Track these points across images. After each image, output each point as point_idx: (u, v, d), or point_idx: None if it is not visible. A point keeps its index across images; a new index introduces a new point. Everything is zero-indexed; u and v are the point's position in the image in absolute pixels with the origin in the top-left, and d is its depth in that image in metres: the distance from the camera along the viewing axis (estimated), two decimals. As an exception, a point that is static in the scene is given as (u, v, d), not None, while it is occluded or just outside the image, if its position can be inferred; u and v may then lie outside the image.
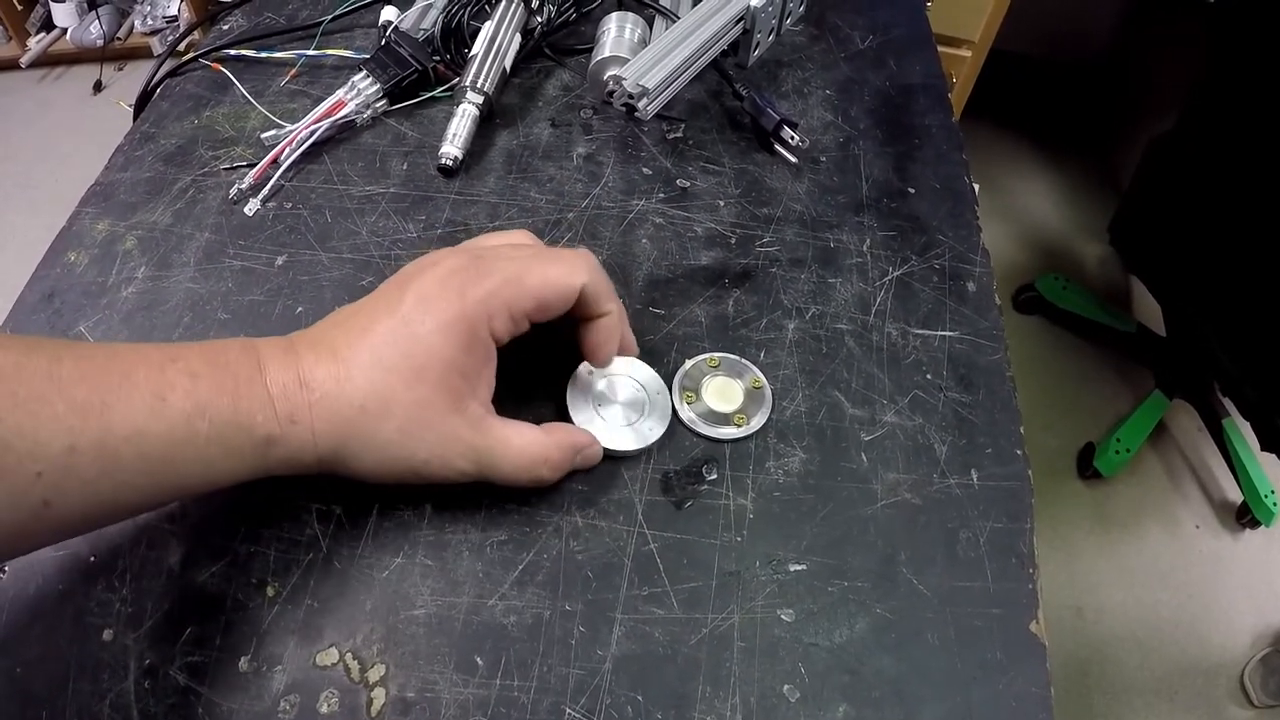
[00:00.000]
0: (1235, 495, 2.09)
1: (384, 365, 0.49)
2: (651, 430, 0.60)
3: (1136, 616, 1.91)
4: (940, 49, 0.95)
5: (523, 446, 0.53)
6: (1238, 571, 2.00)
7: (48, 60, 3.01)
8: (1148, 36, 2.51)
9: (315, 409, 0.48)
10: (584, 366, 0.63)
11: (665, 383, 0.63)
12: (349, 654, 0.51)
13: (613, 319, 0.57)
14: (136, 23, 2.97)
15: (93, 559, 0.54)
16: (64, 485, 0.43)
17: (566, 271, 0.53)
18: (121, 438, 0.43)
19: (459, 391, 0.50)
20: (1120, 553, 2.01)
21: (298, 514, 0.55)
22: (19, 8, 2.89)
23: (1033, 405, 2.16)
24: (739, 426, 0.61)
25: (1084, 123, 2.80)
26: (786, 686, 0.50)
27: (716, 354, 0.65)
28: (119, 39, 2.96)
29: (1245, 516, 2.05)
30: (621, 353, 0.59)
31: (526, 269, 0.52)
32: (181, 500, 0.51)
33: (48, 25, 2.97)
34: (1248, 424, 1.93)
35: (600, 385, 0.62)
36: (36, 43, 2.92)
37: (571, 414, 0.60)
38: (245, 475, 0.49)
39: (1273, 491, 2.02)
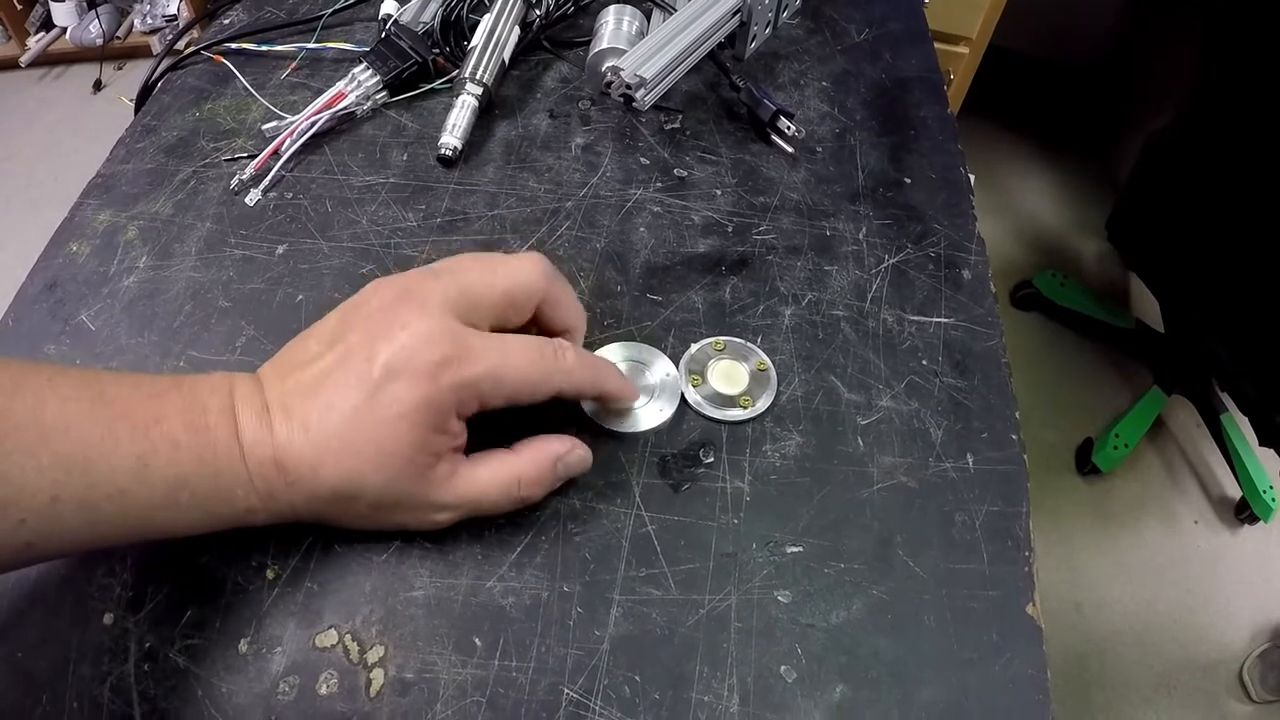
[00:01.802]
0: (1234, 491, 2.09)
1: (353, 451, 0.48)
2: (662, 412, 0.61)
3: (1135, 612, 1.91)
4: (938, 46, 0.96)
5: (490, 477, 0.53)
6: (1236, 567, 2.00)
7: (47, 60, 3.01)
8: (1146, 33, 2.51)
9: (292, 489, 0.48)
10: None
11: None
12: (348, 635, 0.51)
13: (612, 393, 0.58)
14: (136, 22, 2.97)
15: (94, 543, 0.54)
16: (46, 531, 0.43)
17: (542, 376, 0.53)
18: (104, 495, 0.44)
19: (426, 466, 0.50)
20: (1119, 548, 2.01)
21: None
22: (18, 7, 2.89)
23: (1031, 401, 2.16)
24: (744, 408, 0.61)
25: (1082, 120, 2.80)
26: (783, 667, 0.51)
27: (722, 337, 0.65)
28: (118, 38, 2.96)
29: (1244, 512, 2.05)
30: (618, 402, 0.60)
31: (506, 363, 0.51)
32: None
33: (47, 24, 2.97)
34: (1246, 419, 1.93)
35: None
36: (36, 42, 2.92)
37: (581, 401, 0.61)
38: (227, 528, 0.50)
39: (1271, 487, 2.02)
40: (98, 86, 2.96)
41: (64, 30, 2.94)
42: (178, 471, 0.46)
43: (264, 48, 0.88)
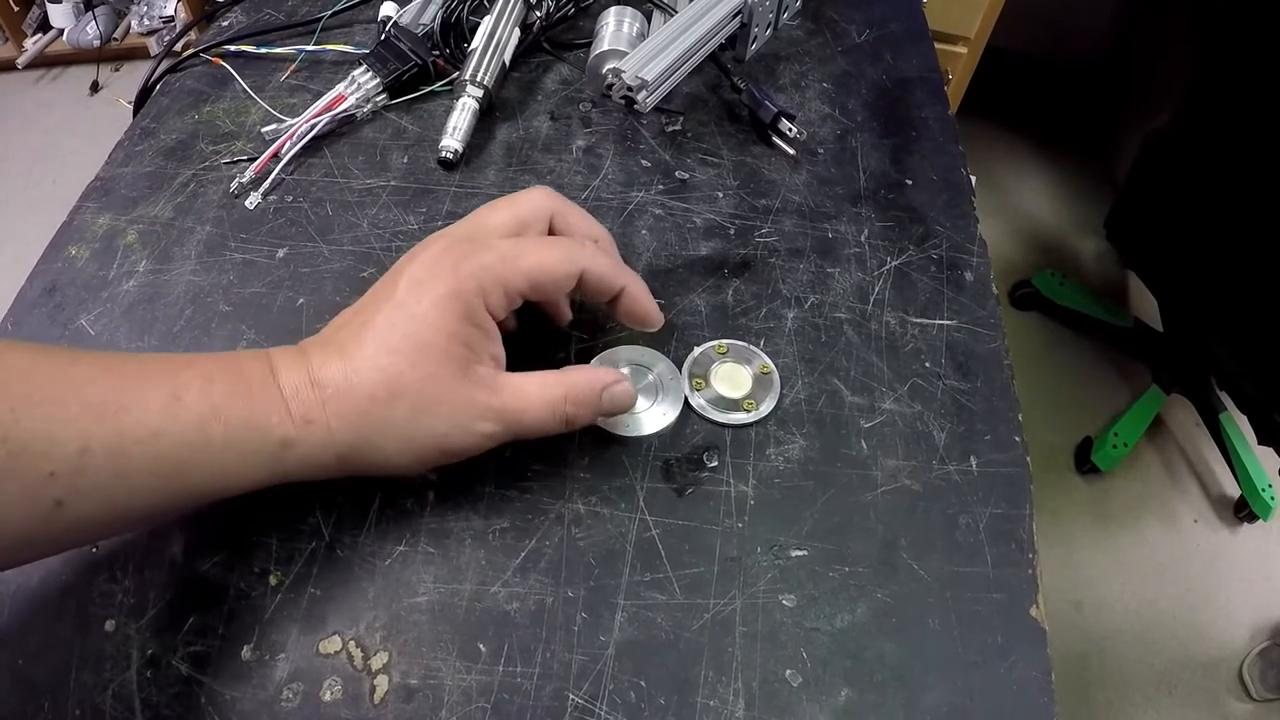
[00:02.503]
0: (1233, 489, 2.09)
1: (387, 350, 0.49)
2: (665, 415, 0.61)
3: (1135, 611, 1.92)
4: (936, 45, 0.96)
5: (537, 390, 0.53)
6: (1236, 565, 2.00)
7: (44, 61, 3.01)
8: (1144, 32, 2.51)
9: (328, 406, 0.48)
10: (596, 358, 0.64)
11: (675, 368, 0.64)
12: (352, 642, 0.51)
13: (630, 294, 0.57)
14: (133, 23, 2.97)
15: (95, 550, 0.54)
16: (77, 486, 0.42)
17: (562, 259, 0.53)
18: (135, 439, 0.44)
19: (464, 360, 0.50)
20: (1118, 547, 2.01)
21: (300, 503, 0.55)
22: (15, 9, 2.89)
23: (1030, 400, 2.16)
24: (748, 411, 0.61)
25: (1080, 119, 2.80)
26: (788, 671, 0.51)
27: (724, 340, 0.65)
28: (116, 39, 2.96)
29: (1243, 511, 2.05)
30: (642, 323, 0.59)
31: (522, 250, 0.52)
32: (196, 508, 0.51)
33: (44, 26, 2.97)
34: (1245, 418, 1.93)
35: None
36: (33, 44, 2.92)
37: None
38: (261, 481, 0.48)
39: (1270, 485, 2.02)
40: (95, 88, 2.96)
41: (61, 32, 2.94)
42: (211, 404, 0.46)
43: (263, 50, 0.88)
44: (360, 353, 0.49)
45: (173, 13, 2.90)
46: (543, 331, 0.65)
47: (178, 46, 1.01)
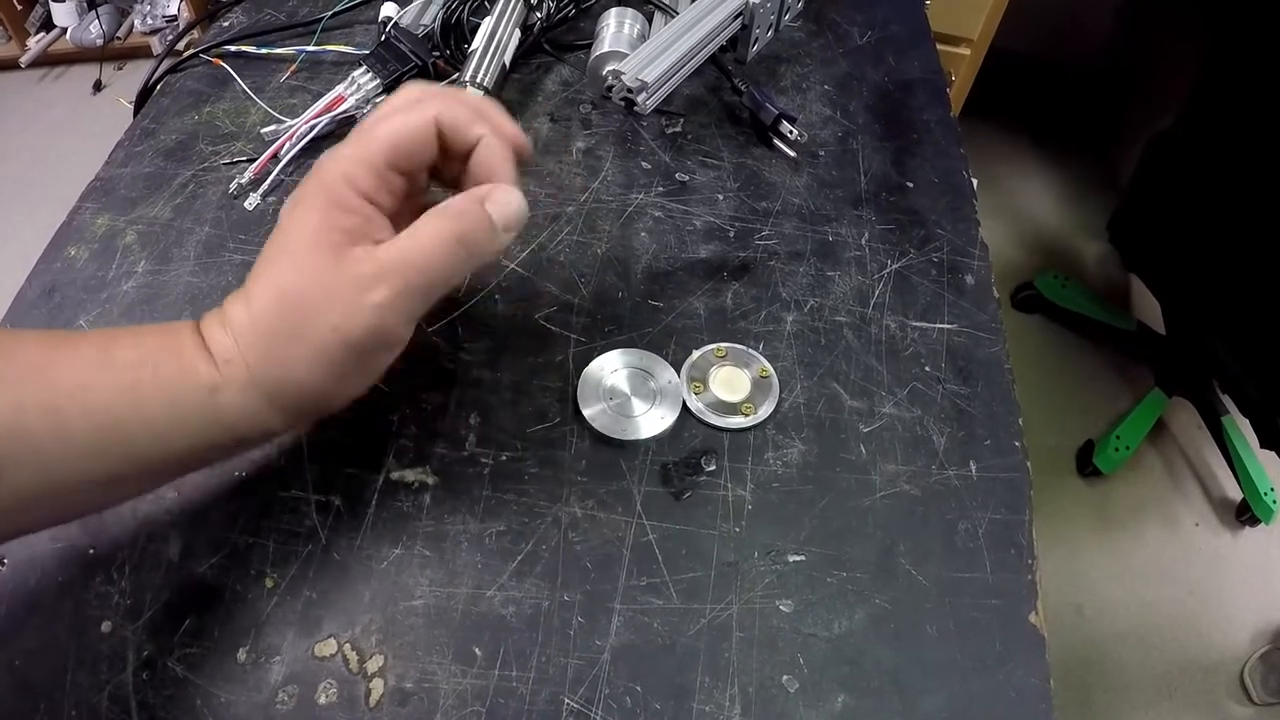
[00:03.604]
0: (1235, 493, 2.09)
1: (271, 272, 0.48)
2: (663, 419, 0.61)
3: (1136, 614, 1.91)
4: (939, 47, 0.96)
5: (412, 233, 0.49)
6: (1237, 569, 2.00)
7: (47, 60, 3.01)
8: (1147, 34, 2.51)
9: (240, 343, 0.47)
10: (594, 363, 0.63)
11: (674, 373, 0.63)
12: (347, 645, 0.51)
13: (487, 145, 0.53)
14: (136, 22, 2.97)
15: (92, 551, 0.54)
16: (13, 452, 0.42)
17: (410, 109, 0.51)
18: (66, 394, 0.43)
19: (340, 244, 0.48)
20: (1120, 550, 2.00)
21: (296, 505, 0.55)
22: (19, 7, 2.88)
23: (1032, 403, 2.16)
24: (746, 416, 0.61)
25: (1083, 121, 2.80)
26: (785, 677, 0.51)
27: (723, 344, 0.65)
28: (119, 38, 2.95)
29: (1245, 514, 2.04)
30: (495, 175, 0.53)
31: (375, 121, 0.51)
32: (142, 479, 0.49)
33: (47, 25, 2.96)
34: (1247, 421, 1.92)
35: (611, 379, 0.62)
36: (36, 42, 2.92)
37: (582, 408, 0.61)
38: (202, 436, 0.47)
39: (1272, 489, 2.01)
40: (98, 87, 2.96)
41: (64, 30, 2.94)
42: (140, 353, 0.46)
43: (263, 50, 0.88)
44: (254, 288, 0.48)
45: (175, 12, 2.89)
46: (540, 339, 0.65)
47: (179, 46, 1.00)
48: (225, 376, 0.47)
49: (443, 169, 0.55)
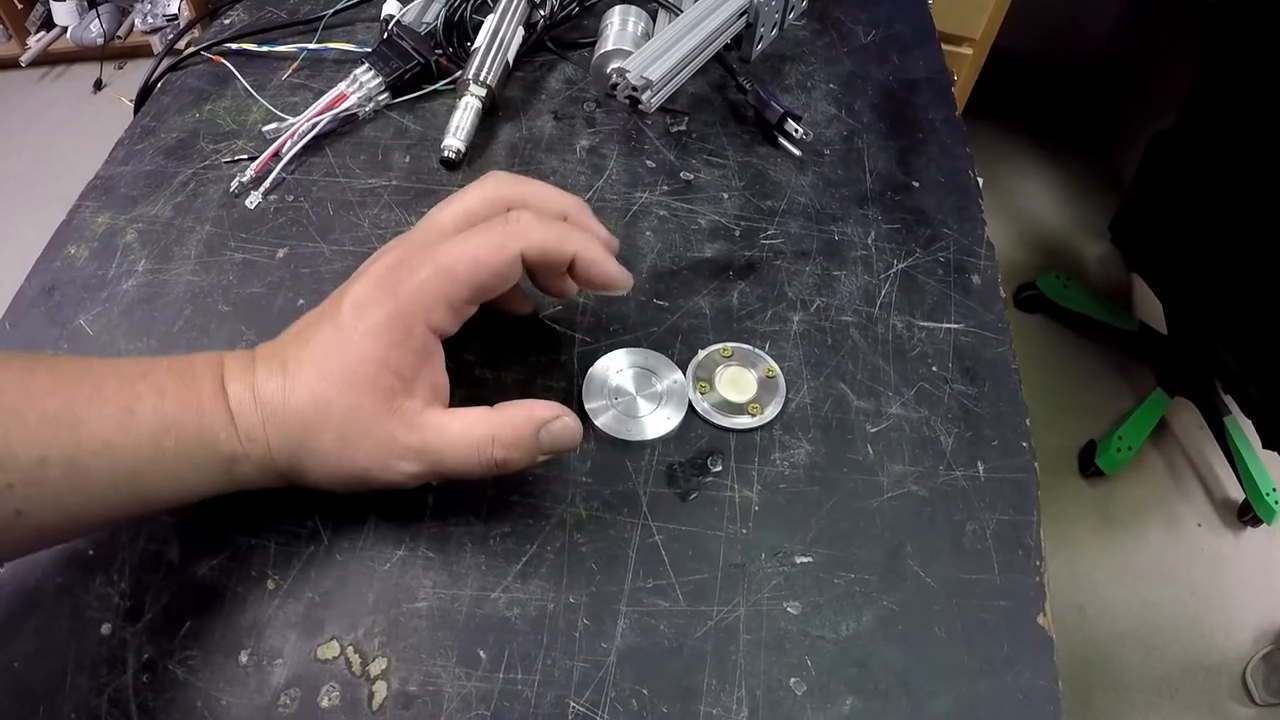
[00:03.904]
0: (1237, 493, 2.09)
1: (320, 374, 0.48)
2: (669, 419, 0.60)
3: (1138, 614, 1.91)
4: (942, 47, 0.95)
5: (464, 431, 0.50)
6: (1239, 569, 2.00)
7: (48, 59, 3.01)
8: (1148, 33, 2.51)
9: (268, 425, 0.48)
10: (599, 362, 0.63)
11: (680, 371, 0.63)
12: (350, 647, 0.50)
13: (583, 259, 0.53)
14: (137, 21, 2.97)
15: (91, 553, 0.53)
16: (34, 496, 0.43)
17: (495, 248, 0.50)
18: (90, 451, 0.44)
19: (392, 391, 0.49)
20: (1122, 550, 2.00)
21: (298, 506, 0.55)
22: (19, 6, 2.89)
23: (1034, 403, 2.14)
24: (753, 416, 0.61)
25: (1085, 121, 2.80)
26: (793, 679, 0.50)
27: (729, 344, 0.64)
28: (119, 37, 2.96)
29: (1247, 514, 2.04)
30: (606, 287, 0.55)
31: (457, 256, 0.50)
32: (154, 513, 0.51)
33: (48, 24, 2.97)
34: (1249, 422, 1.92)
35: (616, 378, 0.62)
36: (37, 41, 2.92)
37: (587, 408, 0.60)
38: (215, 488, 0.49)
39: (1274, 489, 2.01)
40: (98, 86, 2.96)
41: (64, 30, 2.94)
42: (163, 418, 0.45)
43: (265, 48, 0.87)
44: (299, 374, 0.48)
45: (176, 11, 2.89)
46: (544, 338, 0.64)
47: (180, 45, 1.00)
48: (245, 450, 0.48)
49: (533, 277, 0.56)
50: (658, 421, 0.60)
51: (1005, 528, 0.57)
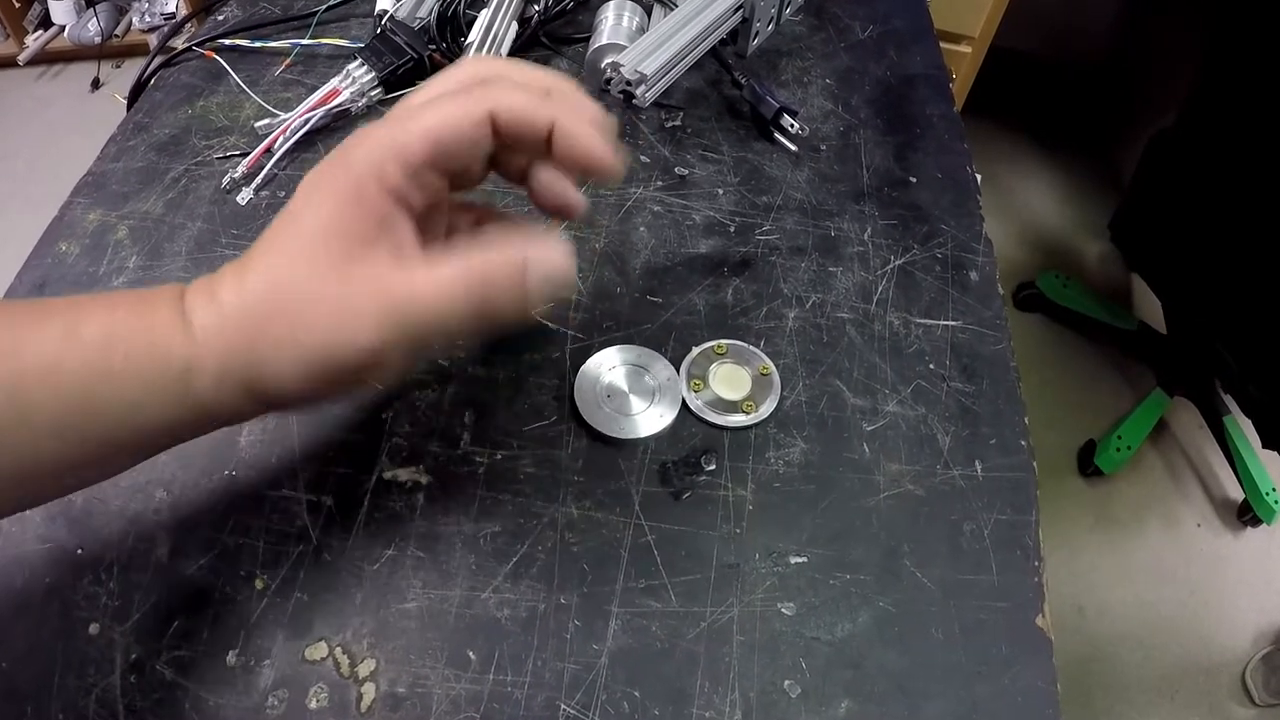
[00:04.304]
0: (1236, 493, 2.08)
1: (269, 256, 0.43)
2: (662, 417, 0.60)
3: (1138, 615, 1.91)
4: (940, 44, 0.95)
5: (432, 276, 0.43)
6: (1239, 569, 1.99)
7: (45, 58, 3.00)
8: (1148, 32, 2.50)
9: (225, 322, 0.43)
10: (592, 360, 0.62)
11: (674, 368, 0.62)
12: (339, 648, 0.50)
13: (563, 129, 0.45)
14: (134, 20, 2.96)
15: (80, 551, 0.53)
16: None
17: (460, 105, 0.44)
18: (34, 376, 0.40)
19: (346, 255, 0.43)
20: (1121, 550, 2.00)
21: (287, 505, 0.55)
22: (16, 5, 2.88)
23: (1034, 403, 2.14)
24: (747, 414, 0.60)
25: (1084, 120, 2.80)
26: (787, 682, 0.50)
27: (724, 341, 0.64)
28: (117, 36, 2.95)
29: (1246, 514, 2.04)
30: (588, 167, 0.46)
31: (418, 111, 0.44)
32: (114, 461, 0.46)
33: (45, 23, 2.96)
34: (1249, 421, 1.92)
35: (609, 376, 0.61)
36: (34, 40, 2.91)
37: (579, 405, 0.60)
38: (174, 417, 0.44)
39: (1274, 489, 2.01)
40: (96, 85, 2.95)
41: (62, 28, 2.94)
42: (110, 334, 0.42)
43: (258, 44, 0.87)
44: (252, 264, 0.44)
45: (174, 9, 2.89)
46: (535, 335, 0.64)
47: (175, 41, 0.99)
48: (200, 357, 0.43)
49: (505, 162, 0.49)
50: (650, 419, 0.59)
51: (1003, 527, 0.56)
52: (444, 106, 0.44)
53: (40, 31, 2.95)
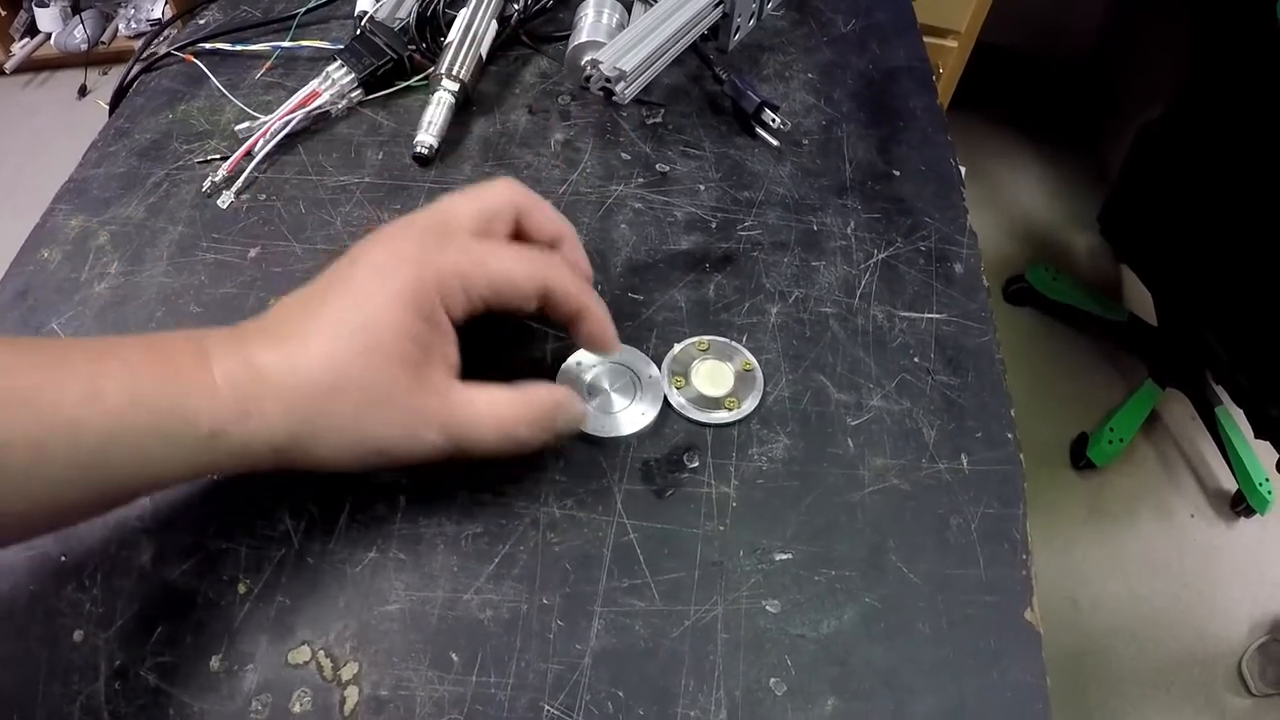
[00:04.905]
0: (1229, 483, 2.09)
1: (337, 339, 0.47)
2: (644, 415, 0.59)
3: (1132, 607, 1.91)
4: (926, 40, 0.94)
5: (490, 408, 0.50)
6: (1233, 560, 2.00)
7: (32, 65, 3.00)
8: (1134, 26, 2.51)
9: (267, 396, 0.45)
10: (572, 357, 0.62)
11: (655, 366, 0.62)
12: (321, 652, 0.50)
13: (592, 316, 0.55)
14: (121, 27, 2.96)
15: (63, 558, 0.53)
16: None
17: (528, 273, 0.52)
18: (52, 429, 0.41)
19: (418, 361, 0.48)
20: (1115, 543, 2.00)
21: (269, 510, 0.54)
22: (2, 13, 2.88)
23: (1025, 396, 2.16)
24: (730, 410, 0.60)
25: (1072, 113, 2.80)
26: (773, 679, 0.49)
27: (705, 337, 0.64)
28: (103, 43, 2.95)
29: (1239, 505, 2.04)
30: (599, 347, 0.56)
31: (490, 255, 0.51)
32: (126, 502, 0.48)
33: (32, 30, 2.96)
34: (1241, 411, 1.92)
35: (590, 374, 0.61)
36: (20, 48, 2.91)
37: None
38: (192, 472, 0.47)
39: (1267, 479, 2.01)
40: (83, 92, 2.95)
41: (48, 36, 2.93)
42: (132, 394, 0.43)
43: (238, 47, 0.86)
44: (309, 341, 0.47)
45: (160, 15, 2.89)
46: (519, 329, 0.63)
47: (158, 47, 0.99)
48: (233, 425, 0.45)
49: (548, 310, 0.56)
50: (633, 417, 0.59)
51: (990, 521, 0.56)
52: (512, 266, 0.51)
53: (27, 39, 2.95)
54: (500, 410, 0.51)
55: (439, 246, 0.50)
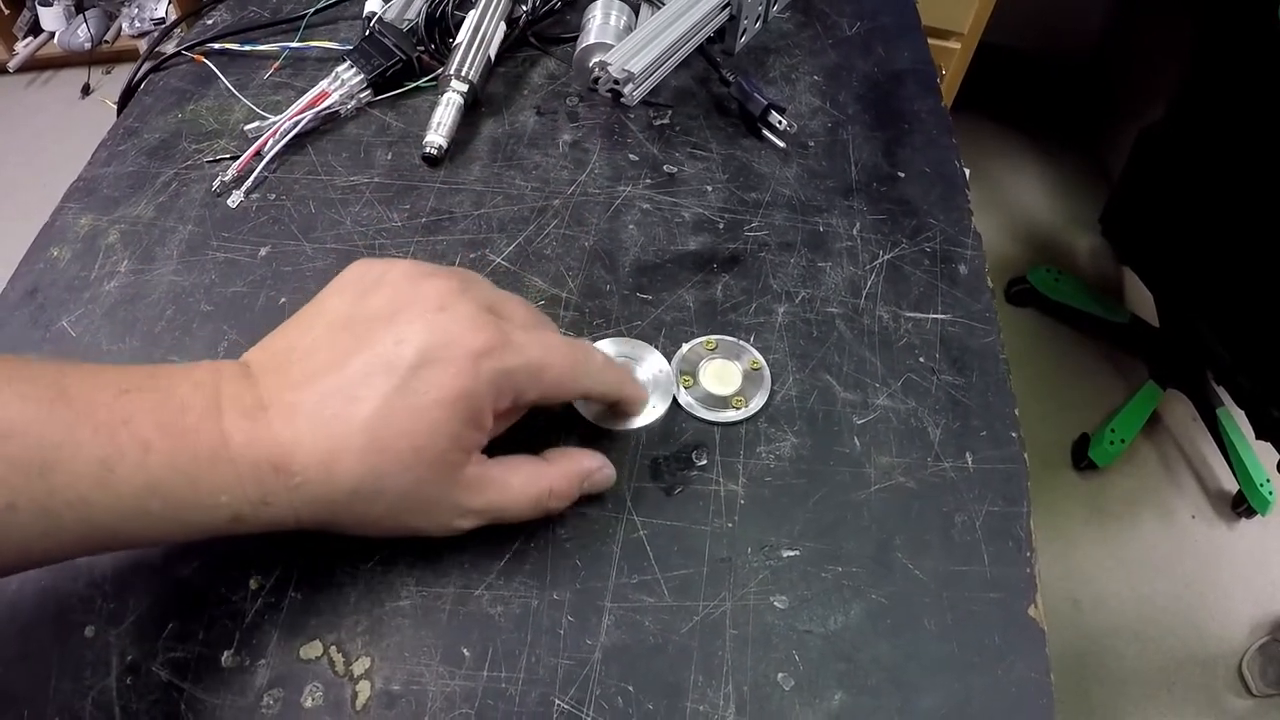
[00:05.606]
0: (1230, 484, 2.09)
1: (378, 446, 0.44)
2: (655, 409, 0.60)
3: (1133, 607, 1.91)
4: (929, 41, 0.95)
5: (522, 486, 0.51)
6: (1234, 561, 2.00)
7: (35, 64, 2.99)
8: (1136, 27, 2.51)
9: (296, 494, 0.44)
10: None
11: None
12: (333, 647, 0.50)
13: (629, 405, 0.58)
14: (124, 25, 2.95)
15: (74, 555, 0.53)
16: (1, 539, 0.39)
17: (575, 376, 0.52)
18: (64, 502, 0.39)
19: (457, 464, 0.47)
20: (1116, 543, 2.00)
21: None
22: (6, 12, 2.87)
23: (1027, 397, 2.15)
24: (738, 409, 0.60)
25: (1074, 115, 2.80)
26: (780, 675, 0.50)
27: (714, 336, 0.64)
28: (107, 42, 2.94)
29: (1241, 505, 2.04)
30: (631, 407, 0.59)
31: (545, 361, 0.49)
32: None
33: (35, 29, 2.95)
34: (1242, 413, 1.92)
35: None
36: (24, 47, 2.90)
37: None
38: (203, 535, 0.44)
39: (1268, 480, 2.01)
40: (86, 91, 2.95)
41: (52, 35, 2.93)
42: (148, 478, 0.41)
43: (247, 47, 0.87)
44: (346, 441, 0.44)
45: (164, 15, 2.88)
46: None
47: (165, 47, 0.99)
48: (255, 513, 0.44)
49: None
50: (643, 411, 0.59)
51: (995, 519, 0.56)
52: (563, 370, 0.51)
53: (30, 38, 2.94)
54: (534, 488, 0.51)
55: (506, 351, 0.47)
